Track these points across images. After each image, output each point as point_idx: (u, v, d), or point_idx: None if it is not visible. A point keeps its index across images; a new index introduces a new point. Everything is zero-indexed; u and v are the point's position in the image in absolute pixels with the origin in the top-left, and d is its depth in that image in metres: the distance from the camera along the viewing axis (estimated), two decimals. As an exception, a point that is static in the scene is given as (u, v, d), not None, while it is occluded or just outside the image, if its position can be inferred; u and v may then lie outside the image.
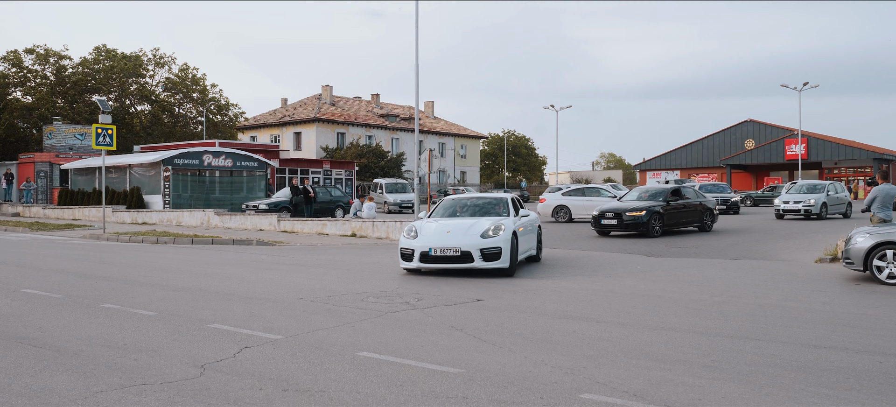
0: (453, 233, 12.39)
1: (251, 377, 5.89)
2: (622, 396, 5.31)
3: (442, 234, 12.45)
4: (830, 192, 29.27)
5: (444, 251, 12.09)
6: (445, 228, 12.62)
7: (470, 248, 12.03)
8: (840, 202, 29.80)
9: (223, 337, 7.42)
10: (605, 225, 20.94)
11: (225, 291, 10.70)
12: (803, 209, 27.99)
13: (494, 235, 12.25)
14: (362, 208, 24.93)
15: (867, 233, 12.00)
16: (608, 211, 21.09)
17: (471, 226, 12.60)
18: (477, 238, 12.18)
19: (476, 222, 12.75)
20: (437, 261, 12.20)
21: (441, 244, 12.16)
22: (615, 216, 20.74)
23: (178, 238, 21.08)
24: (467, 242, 12.14)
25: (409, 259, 12.45)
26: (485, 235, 12.25)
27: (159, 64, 59.55)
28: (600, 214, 21.16)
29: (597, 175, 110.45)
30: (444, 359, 6.45)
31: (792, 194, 29.53)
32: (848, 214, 30.10)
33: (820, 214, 27.88)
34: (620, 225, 20.63)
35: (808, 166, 61.77)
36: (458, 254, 12.03)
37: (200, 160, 34.15)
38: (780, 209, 28.62)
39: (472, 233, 12.35)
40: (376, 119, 74.03)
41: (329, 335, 7.49)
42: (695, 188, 25.10)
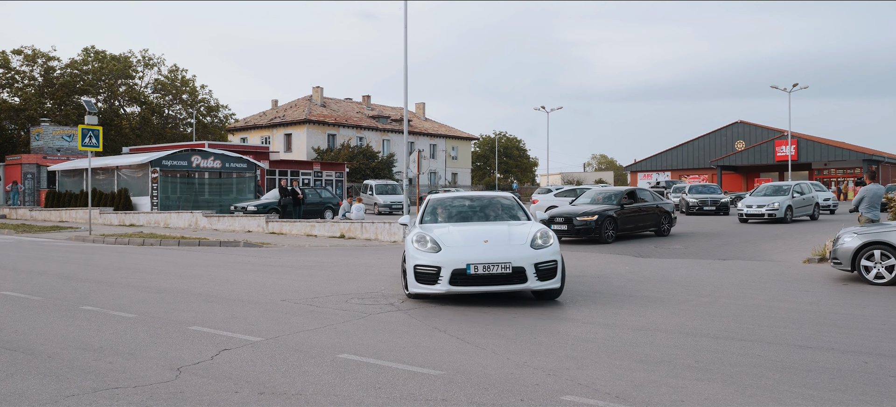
0: (492, 242, 9.28)
1: (227, 380, 5.77)
2: (604, 398, 5.22)
3: (475, 243, 9.31)
4: (796, 195, 28.05)
5: (488, 268, 8.85)
6: (477, 236, 9.59)
7: (523, 262, 8.91)
8: (807, 204, 28.54)
9: (202, 339, 7.29)
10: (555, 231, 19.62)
11: (208, 293, 10.56)
12: (767, 212, 26.73)
13: (544, 243, 9.34)
14: (351, 210, 24.81)
15: (855, 233, 11.96)
16: (558, 216, 19.63)
17: (509, 232, 9.67)
18: (526, 248, 9.14)
19: (508, 227, 9.92)
20: (478, 282, 8.90)
21: (483, 258, 8.90)
22: (565, 221, 19.32)
23: (165, 240, 20.90)
24: (516, 253, 9.02)
25: (431, 280, 9.07)
26: (534, 243, 9.29)
27: (148, 65, 59.28)
28: (550, 219, 19.11)
29: (588, 176, 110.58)
30: (425, 360, 6.35)
31: (755, 197, 28.25)
32: (815, 216, 28.92)
33: (784, 217, 26.61)
34: (571, 230, 19.21)
35: (798, 167, 61.97)
36: (509, 271, 8.87)
37: (189, 162, 33.94)
38: (743, 213, 27.43)
39: (517, 241, 9.33)
40: (367, 120, 73.88)
41: (310, 337, 7.38)
42: (651, 191, 23.57)
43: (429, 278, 9.12)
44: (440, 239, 9.49)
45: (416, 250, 9.38)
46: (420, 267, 9.22)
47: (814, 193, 29.84)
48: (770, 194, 28.11)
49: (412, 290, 9.41)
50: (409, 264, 9.35)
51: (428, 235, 9.60)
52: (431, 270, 9.09)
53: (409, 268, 9.36)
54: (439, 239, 9.49)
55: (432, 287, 9.08)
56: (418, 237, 9.62)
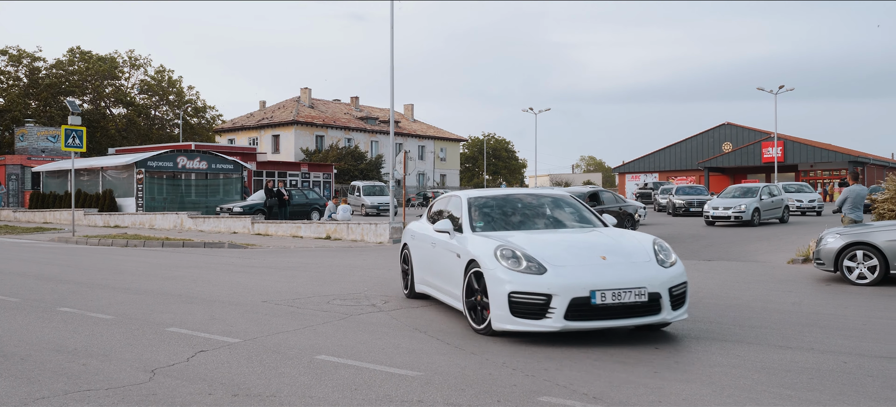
0: (611, 258, 7.12)
1: (202, 382, 5.70)
2: (581, 398, 5.18)
3: (589, 260, 7.09)
4: (764, 197, 27.32)
5: (619, 295, 6.69)
6: (585, 248, 7.38)
7: (659, 286, 6.86)
8: (776, 206, 27.93)
9: (179, 341, 7.21)
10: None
11: (188, 294, 10.46)
12: (733, 215, 26.00)
13: (667, 259, 7.31)
14: (337, 211, 24.72)
15: (838, 233, 12.00)
16: None
17: (619, 243, 7.56)
18: (655, 267, 7.09)
19: (608, 237, 7.84)
20: (606, 314, 6.75)
21: (609, 282, 6.75)
22: None
23: (149, 241, 20.75)
24: (646, 274, 6.94)
25: (536, 313, 6.76)
26: (659, 259, 7.25)
27: (135, 66, 58.97)
28: None
29: (576, 178, 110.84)
30: (404, 362, 6.29)
31: (722, 199, 27.59)
32: (785, 219, 28.30)
33: (751, 219, 25.92)
34: None
35: (785, 169, 62.29)
36: (645, 299, 6.77)
37: (174, 163, 33.75)
38: (709, 215, 26.75)
39: (639, 256, 7.24)
40: (356, 122, 73.76)
41: (288, 339, 7.30)
42: (613, 193, 23.24)
43: (533, 310, 6.74)
44: (539, 255, 7.06)
45: (505, 271, 6.93)
46: (519, 296, 6.79)
47: (784, 195, 29.21)
48: (738, 196, 27.50)
49: (501, 325, 6.91)
50: (497, 289, 6.91)
51: (518, 249, 7.14)
52: (537, 300, 6.71)
53: (499, 295, 6.89)
54: (538, 255, 7.05)
55: (538, 322, 6.71)
56: (503, 251, 7.12)
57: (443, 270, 8.50)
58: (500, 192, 9.35)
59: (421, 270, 9.40)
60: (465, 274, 7.63)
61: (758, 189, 27.70)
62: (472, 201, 8.83)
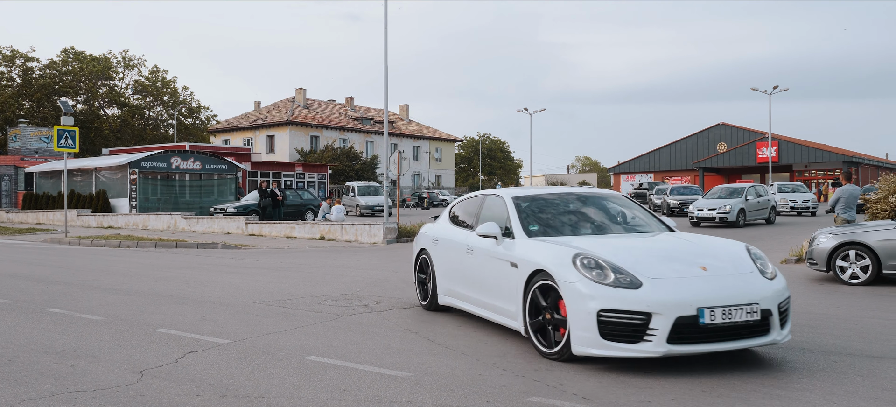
0: (711, 269, 6.16)
1: (190, 383, 5.66)
2: (571, 399, 5.16)
3: (688, 271, 6.08)
4: (749, 198, 26.80)
5: (729, 313, 5.73)
6: (678, 257, 6.33)
7: (768, 302, 5.94)
8: (762, 207, 27.48)
9: (168, 342, 7.17)
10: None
11: (179, 295, 10.42)
12: (718, 216, 25.46)
13: (765, 269, 6.41)
14: (331, 211, 24.69)
15: (830, 233, 12.01)
16: None
17: (711, 250, 6.66)
18: (759, 278, 6.19)
19: (699, 243, 6.90)
20: (715, 336, 5.75)
21: (717, 297, 5.78)
22: None
23: (142, 242, 20.68)
24: (754, 288, 6.01)
25: (632, 336, 5.70)
26: (761, 269, 6.37)
27: (129, 66, 58.86)
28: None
29: (571, 178, 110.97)
30: (394, 362, 6.26)
31: (707, 199, 27.17)
32: (771, 220, 27.95)
33: (737, 220, 25.38)
34: None
35: (779, 169, 62.44)
36: (757, 317, 5.83)
37: (168, 163, 33.67)
38: (694, 216, 26.20)
39: (742, 267, 6.33)
40: (350, 122, 73.71)
41: (278, 339, 7.27)
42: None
43: (627, 332, 5.67)
44: (627, 265, 6.00)
45: (590, 284, 5.83)
46: (610, 315, 5.70)
47: (770, 196, 28.84)
48: (724, 196, 27.06)
49: (586, 349, 5.80)
50: (580, 307, 5.80)
51: (601, 258, 6.05)
52: (634, 320, 5.65)
53: (583, 313, 5.78)
54: (626, 265, 5.99)
55: (635, 347, 5.64)
56: (584, 260, 6.01)
57: (486, 282, 7.38)
58: (547, 191, 8.14)
59: (449, 279, 8.31)
60: (527, 288, 6.48)
61: (743, 189, 27.31)
62: (518, 201, 7.65)
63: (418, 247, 9.27)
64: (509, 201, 7.67)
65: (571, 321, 5.92)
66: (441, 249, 8.58)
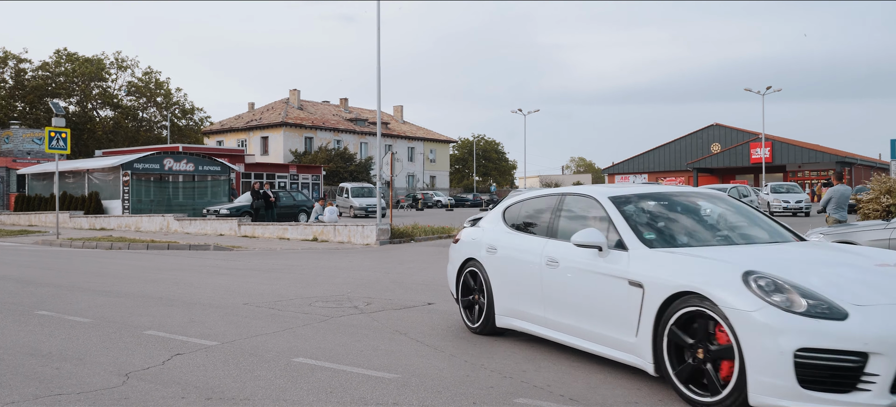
0: None
1: (176, 386, 5.62)
2: (557, 400, 5.14)
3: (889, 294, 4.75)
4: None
5: None
6: (880, 279, 4.97)
7: None
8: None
9: (156, 344, 7.13)
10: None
11: (169, 297, 10.37)
12: None
13: None
14: (323, 212, 24.65)
15: (822, 234, 12.01)
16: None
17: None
18: None
19: (870, 256, 5.50)
20: None
21: None
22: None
23: (134, 243, 20.61)
24: None
25: (844, 382, 4.35)
26: None
27: (122, 67, 58.73)
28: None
29: (566, 179, 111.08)
30: (382, 364, 6.24)
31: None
32: None
33: None
34: None
35: (773, 169, 62.62)
36: None
37: (161, 165, 33.58)
38: None
39: None
40: (345, 123, 73.66)
41: (266, 341, 7.23)
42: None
43: (835, 379, 4.34)
44: (820, 288, 4.66)
45: (775, 312, 4.50)
46: (812, 356, 4.36)
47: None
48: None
49: (777, 401, 4.41)
50: (766, 344, 4.45)
51: (780, 278, 4.71)
52: (846, 361, 4.33)
53: (770, 353, 4.43)
54: (818, 288, 4.66)
55: (847, 398, 4.30)
56: (760, 281, 4.68)
57: (580, 303, 5.97)
58: (653, 189, 6.68)
59: (514, 297, 6.83)
60: (657, 315, 5.14)
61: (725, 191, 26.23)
62: (619, 202, 6.14)
63: (461, 257, 7.73)
64: (608, 203, 6.15)
65: (751, 364, 4.48)
66: (501, 260, 7.07)
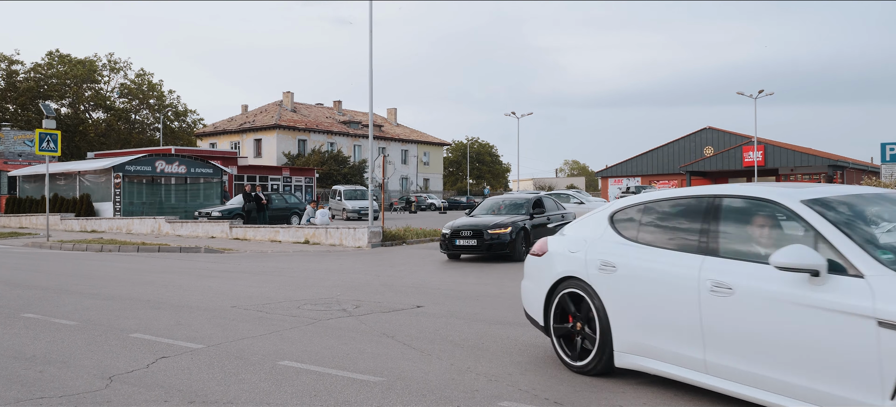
0: None
1: (159, 389, 5.59)
2: (542, 403, 5.13)
3: None
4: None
5: None
6: None
7: None
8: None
9: (141, 347, 7.09)
10: (460, 246, 16.36)
11: (157, 300, 10.32)
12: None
13: None
14: (315, 215, 24.59)
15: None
16: (465, 228, 16.51)
17: None
18: None
19: None
20: None
21: None
22: (474, 235, 16.26)
23: (124, 246, 20.52)
24: None
25: None
26: None
27: (115, 69, 58.54)
28: (454, 233, 16.45)
29: (560, 182, 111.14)
30: (368, 367, 6.21)
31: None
32: None
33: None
34: (481, 246, 16.15)
35: (765, 173, 62.77)
36: None
37: (153, 167, 33.47)
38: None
39: None
40: (338, 126, 73.58)
41: (253, 344, 7.20)
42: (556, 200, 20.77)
43: None
44: None
45: None
46: None
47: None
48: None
49: None
50: None
51: None
52: None
53: None
54: None
55: None
56: None
57: (785, 349, 4.40)
58: (851, 191, 5.17)
59: (652, 333, 5.31)
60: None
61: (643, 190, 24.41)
62: (819, 206, 4.68)
63: (553, 275, 6.21)
64: (804, 208, 4.67)
65: None
66: (624, 281, 5.56)
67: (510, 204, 18.38)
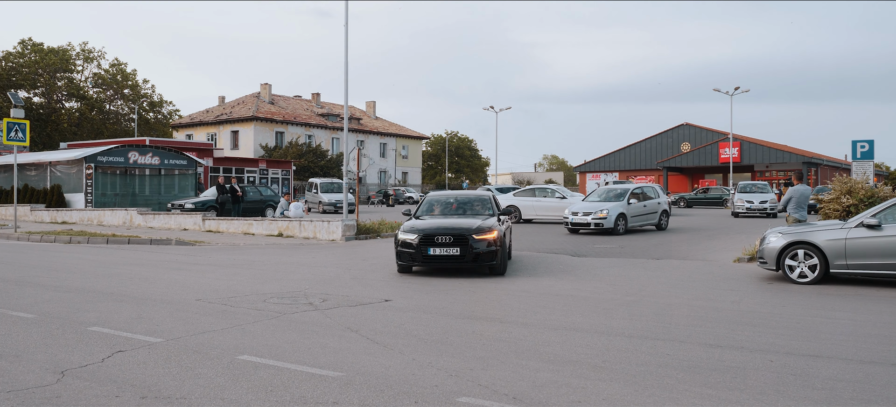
0: None
1: (112, 384, 5.46)
2: (501, 399, 5.07)
3: None
4: (632, 201, 22.93)
5: None
6: None
7: None
8: (649, 211, 23.57)
9: (99, 341, 6.94)
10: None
11: (121, 293, 10.14)
12: (593, 222, 21.80)
13: None
14: (289, 208, 24.38)
15: (780, 233, 12.10)
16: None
17: None
18: None
19: None
20: None
21: None
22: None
23: (93, 238, 20.21)
24: None
25: None
26: None
27: (88, 58, 57.68)
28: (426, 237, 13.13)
29: (538, 176, 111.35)
30: (328, 362, 6.12)
31: (586, 202, 23.48)
32: (662, 226, 23.98)
33: (615, 227, 21.73)
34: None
35: (741, 169, 63.29)
36: None
37: (126, 158, 33.00)
38: (569, 222, 22.48)
39: None
40: (316, 118, 73.10)
41: (214, 338, 7.07)
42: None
43: None
44: None
45: None
46: None
47: (661, 198, 24.90)
48: (603, 199, 23.44)
49: None
50: None
51: None
52: None
53: None
54: None
55: None
56: None
57: None
58: None
59: None
60: None
61: (626, 191, 23.50)
62: None
63: None
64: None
65: None
66: None
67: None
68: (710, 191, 49.04)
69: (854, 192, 15.82)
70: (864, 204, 15.15)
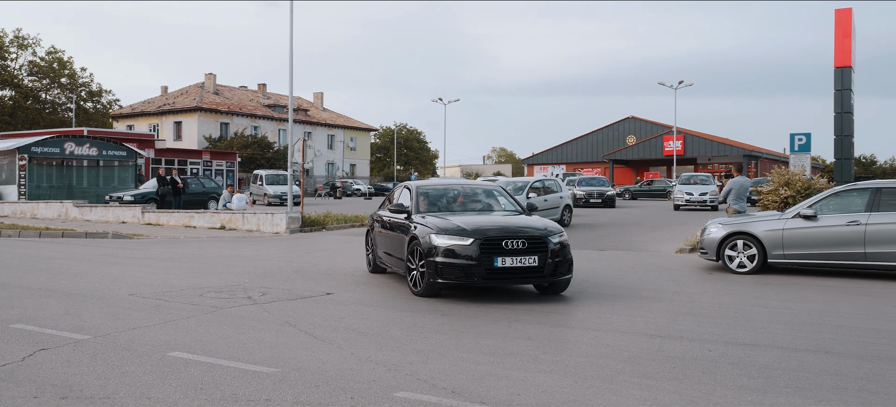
0: None
1: (30, 384, 5.18)
2: (439, 393, 4.96)
3: None
4: (532, 195, 21.16)
5: None
6: None
7: None
8: (550, 206, 21.45)
9: (20, 338, 6.60)
10: None
11: (49, 288, 9.73)
12: None
13: None
14: (231, 200, 23.89)
15: (720, 223, 12.29)
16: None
17: None
18: None
19: None
20: None
21: None
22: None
23: (25, 231, 19.46)
24: None
25: None
26: None
27: (22, 46, 55.59)
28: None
29: (487, 169, 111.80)
30: (263, 358, 5.92)
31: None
32: (565, 222, 22.07)
33: None
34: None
35: (684, 161, 64.55)
36: None
37: (62, 149, 31.90)
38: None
39: None
40: (263, 109, 71.98)
41: (144, 334, 6.80)
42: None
43: None
44: None
45: None
46: None
47: (564, 192, 23.17)
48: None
49: None
50: None
51: None
52: None
53: None
54: None
55: None
56: None
57: None
58: None
59: None
60: None
61: (526, 184, 21.83)
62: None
63: None
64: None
65: None
66: None
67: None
68: (654, 183, 49.83)
69: (792, 184, 16.21)
70: (802, 195, 15.53)
